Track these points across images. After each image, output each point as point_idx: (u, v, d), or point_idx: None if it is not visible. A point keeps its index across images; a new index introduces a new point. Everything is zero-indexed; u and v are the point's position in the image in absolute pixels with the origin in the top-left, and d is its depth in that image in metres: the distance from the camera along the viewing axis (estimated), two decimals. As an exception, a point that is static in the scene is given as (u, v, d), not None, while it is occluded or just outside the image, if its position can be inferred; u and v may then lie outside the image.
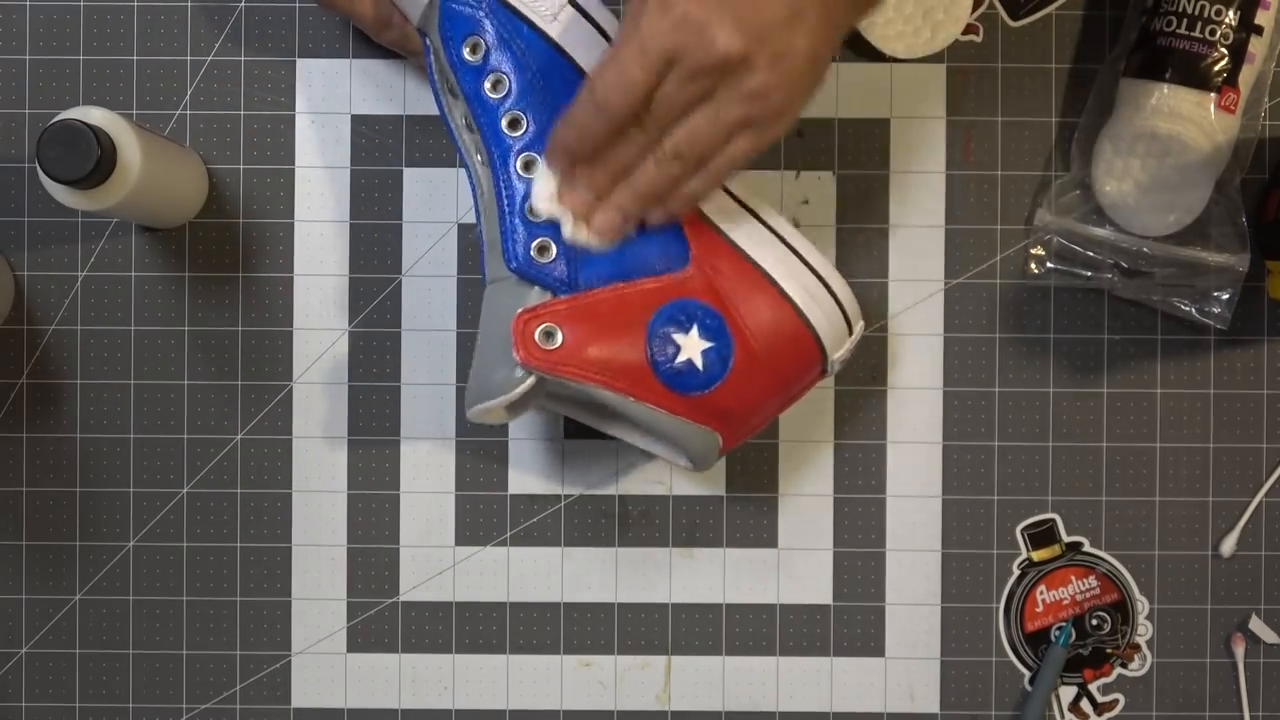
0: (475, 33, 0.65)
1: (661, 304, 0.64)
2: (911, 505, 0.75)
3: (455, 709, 0.75)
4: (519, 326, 0.63)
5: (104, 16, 0.75)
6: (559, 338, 0.63)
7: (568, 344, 0.63)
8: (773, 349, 0.65)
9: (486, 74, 0.64)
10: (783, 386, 0.67)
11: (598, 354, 0.63)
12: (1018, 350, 0.75)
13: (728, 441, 0.67)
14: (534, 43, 0.64)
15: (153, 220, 0.73)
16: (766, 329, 0.65)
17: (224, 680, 0.75)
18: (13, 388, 0.75)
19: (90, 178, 0.63)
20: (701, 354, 0.64)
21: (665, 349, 0.64)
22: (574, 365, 0.63)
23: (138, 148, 0.65)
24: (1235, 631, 0.75)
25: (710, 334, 0.64)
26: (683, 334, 0.64)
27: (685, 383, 0.64)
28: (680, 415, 0.65)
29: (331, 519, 0.75)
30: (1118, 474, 0.75)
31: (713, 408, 0.65)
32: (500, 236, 0.65)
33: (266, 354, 0.75)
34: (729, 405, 0.65)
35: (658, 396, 0.64)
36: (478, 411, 0.65)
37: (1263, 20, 0.70)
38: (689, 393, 0.64)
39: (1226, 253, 0.72)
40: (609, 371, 0.63)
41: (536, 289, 0.64)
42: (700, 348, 0.64)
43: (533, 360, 0.63)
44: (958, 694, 0.75)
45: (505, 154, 0.65)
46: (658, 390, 0.64)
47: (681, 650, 0.75)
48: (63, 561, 0.75)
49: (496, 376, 0.64)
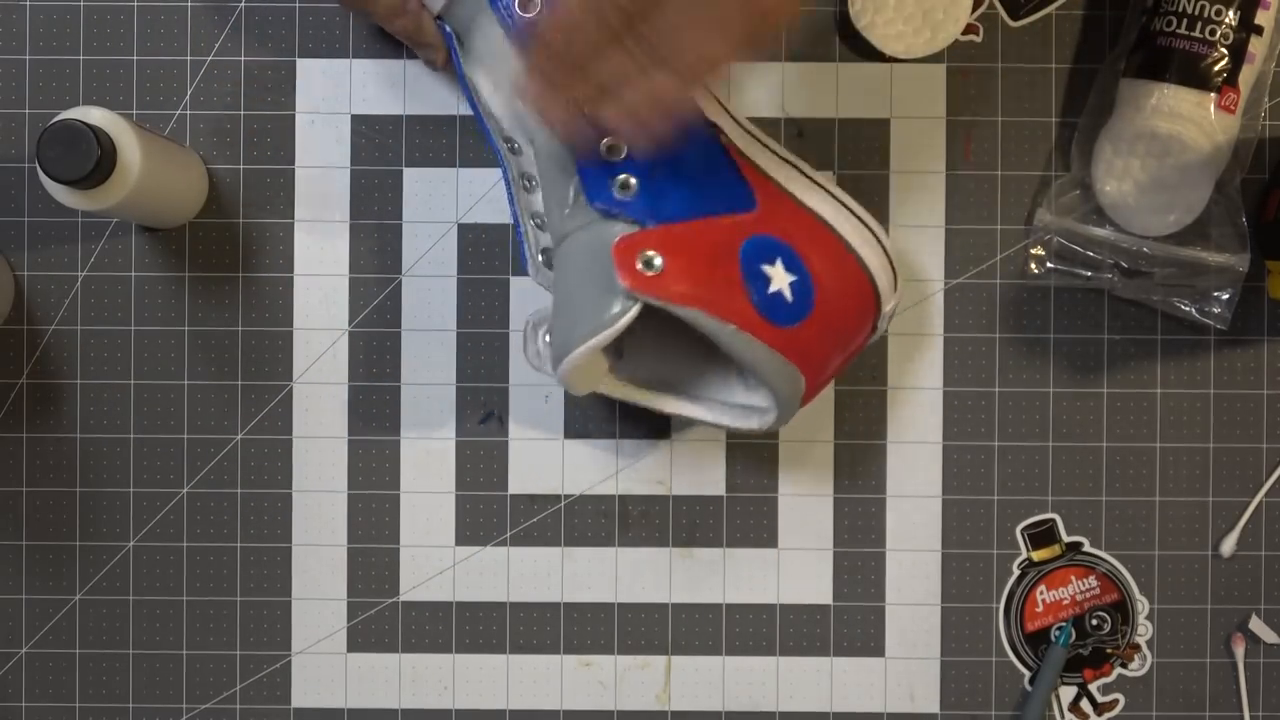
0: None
1: (747, 236, 0.64)
2: (911, 505, 0.75)
3: (455, 709, 0.75)
4: (621, 254, 0.63)
5: (104, 16, 0.75)
6: (658, 263, 0.63)
7: (669, 270, 0.63)
8: (842, 288, 0.66)
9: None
10: (851, 333, 0.67)
11: (697, 280, 0.63)
12: (1018, 350, 0.75)
13: (808, 389, 0.67)
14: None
15: (153, 220, 0.73)
16: (834, 272, 0.66)
17: (224, 680, 0.75)
18: (13, 388, 0.75)
19: (90, 178, 0.63)
20: (789, 286, 0.65)
21: (757, 279, 0.64)
22: (680, 289, 0.63)
23: (138, 148, 0.65)
24: (1235, 631, 0.75)
25: (792, 266, 0.65)
26: (770, 265, 0.64)
27: (778, 314, 0.64)
28: (776, 349, 0.65)
29: (331, 519, 0.75)
30: (1118, 474, 0.75)
31: (801, 344, 0.65)
32: (580, 181, 0.64)
33: (266, 354, 0.75)
34: (812, 343, 0.66)
35: (756, 326, 0.64)
36: (578, 356, 0.64)
37: (1263, 20, 0.70)
38: (782, 324, 0.64)
39: (1226, 253, 0.72)
40: (709, 299, 0.63)
41: (621, 223, 0.64)
42: (788, 280, 0.65)
43: (639, 286, 0.63)
44: (958, 694, 0.75)
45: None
46: (755, 320, 0.64)
47: (681, 650, 0.75)
48: (63, 561, 0.75)
49: (592, 321, 0.63)
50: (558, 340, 0.65)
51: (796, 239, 0.65)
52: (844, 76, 0.75)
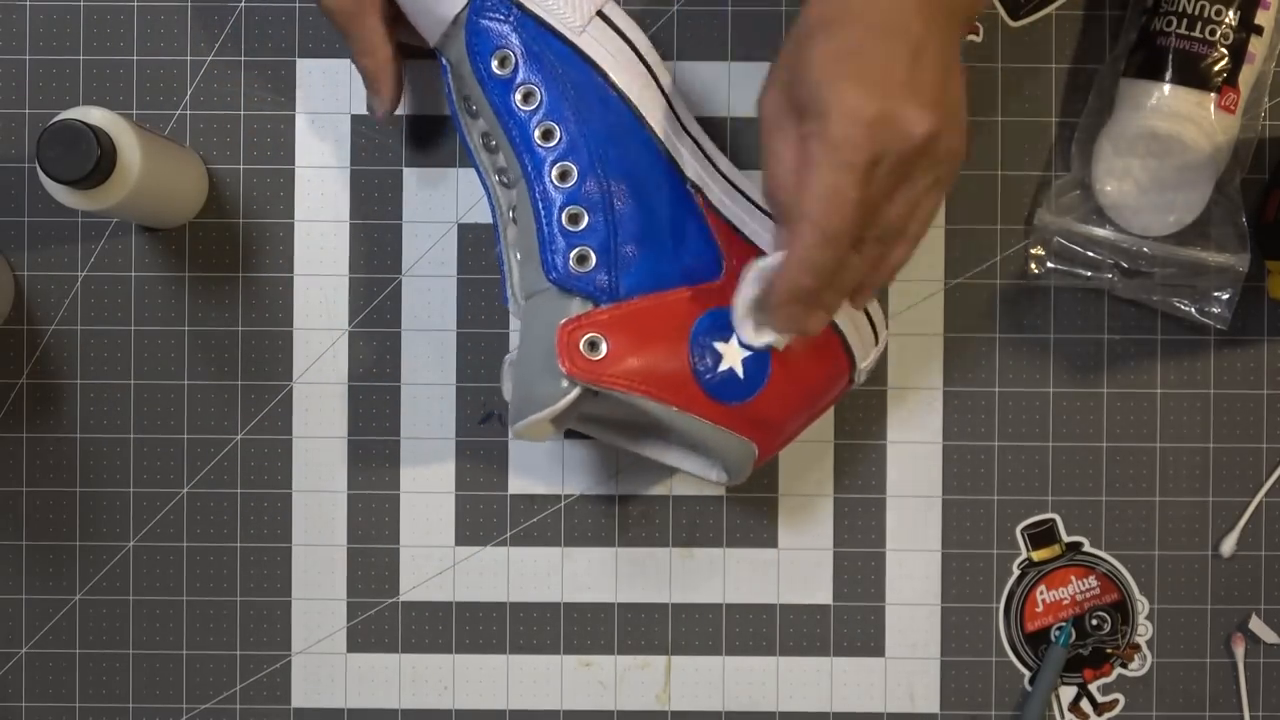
0: (503, 46, 0.64)
1: (701, 312, 0.64)
2: (911, 505, 0.75)
3: (455, 709, 0.75)
4: (563, 337, 0.63)
5: (104, 16, 0.75)
6: (603, 348, 0.63)
7: (612, 354, 0.63)
8: (806, 355, 0.65)
9: (516, 87, 0.64)
10: (816, 395, 0.67)
11: (642, 364, 0.63)
12: (1018, 350, 0.75)
13: (763, 452, 0.67)
14: (564, 54, 0.64)
15: (153, 220, 0.73)
16: (800, 339, 0.65)
17: (224, 680, 0.75)
18: (13, 388, 0.75)
19: (90, 178, 0.63)
20: (742, 362, 0.64)
21: (707, 358, 0.64)
22: (619, 376, 0.63)
23: (138, 148, 0.65)
24: (1235, 631, 0.75)
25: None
26: (723, 342, 0.64)
27: (727, 392, 0.64)
28: (722, 426, 0.64)
29: (331, 519, 0.75)
30: (1118, 474, 0.75)
31: (753, 417, 0.65)
32: (538, 247, 0.64)
33: (266, 354, 0.75)
34: (767, 414, 0.65)
35: (701, 407, 0.64)
36: (523, 426, 0.64)
37: (1263, 20, 0.70)
38: (731, 402, 0.64)
39: (1226, 253, 0.72)
40: (653, 381, 0.63)
41: (578, 299, 0.64)
42: (741, 356, 0.64)
43: (578, 371, 0.63)
44: (958, 694, 0.75)
45: (540, 165, 0.64)
46: (701, 400, 0.64)
47: (681, 650, 0.75)
48: (63, 561, 0.75)
49: (540, 390, 0.64)
50: (515, 398, 0.65)
51: None
52: (844, 76, 0.75)
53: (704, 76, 0.75)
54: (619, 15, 0.65)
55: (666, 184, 0.65)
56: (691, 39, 0.75)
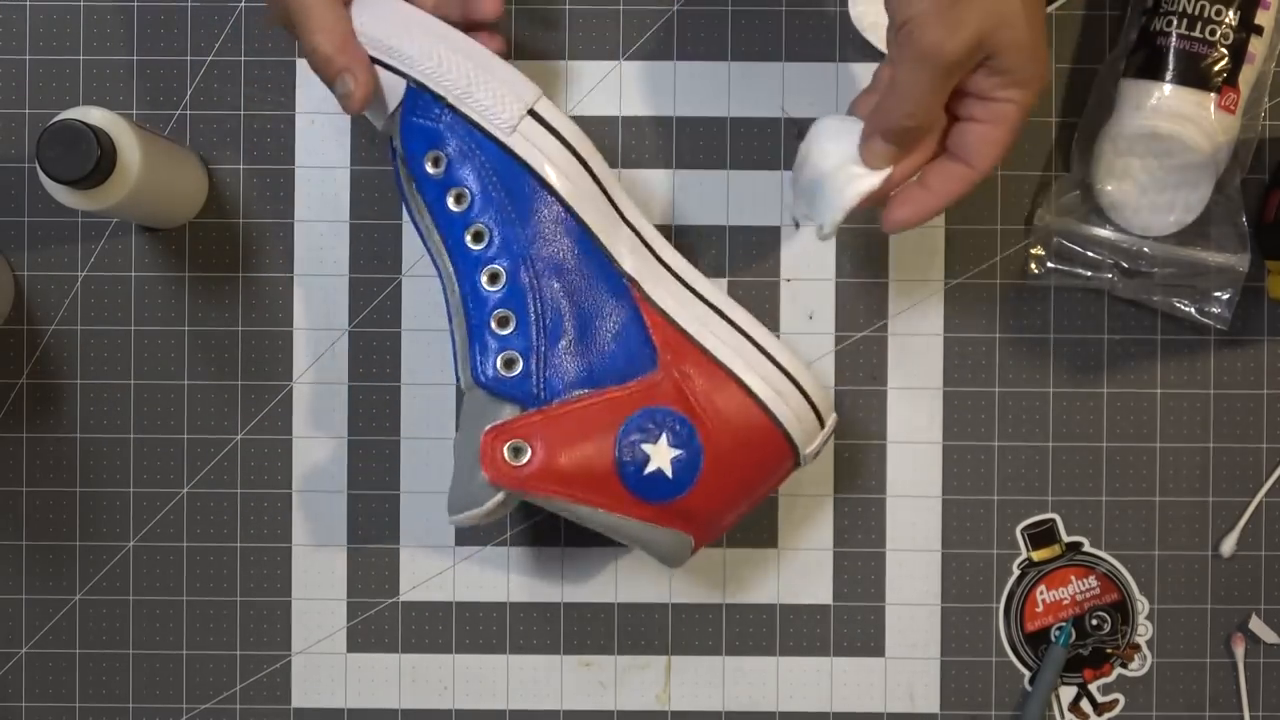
0: (437, 146, 0.64)
1: (630, 413, 0.64)
2: (911, 505, 0.75)
3: (455, 709, 0.75)
4: (486, 445, 0.63)
5: (104, 16, 0.75)
6: (527, 454, 0.63)
7: (536, 459, 0.63)
8: (742, 449, 0.65)
9: (449, 188, 0.65)
10: (753, 486, 0.67)
11: (566, 467, 0.63)
12: (1018, 350, 0.75)
13: (699, 540, 0.67)
14: (495, 155, 0.64)
15: (153, 220, 0.73)
16: (735, 430, 0.65)
17: (224, 680, 0.75)
18: (13, 388, 0.75)
19: (90, 178, 0.63)
20: (671, 461, 0.64)
21: (634, 458, 0.64)
22: (542, 481, 0.63)
23: (138, 148, 0.65)
24: (1235, 631, 0.75)
25: (679, 440, 0.64)
26: (651, 443, 0.64)
27: (654, 491, 0.64)
28: (649, 521, 0.65)
29: (331, 519, 0.75)
30: (1118, 474, 0.75)
31: (683, 512, 0.65)
32: (469, 347, 0.65)
33: (266, 354, 0.75)
34: (699, 508, 0.65)
35: (626, 506, 0.64)
36: (457, 521, 0.65)
37: (1263, 20, 0.70)
38: (658, 501, 0.64)
39: (1226, 253, 0.72)
40: (577, 485, 0.64)
41: (507, 405, 0.64)
42: (669, 455, 0.64)
43: (500, 479, 0.63)
44: (958, 694, 0.75)
45: (471, 268, 0.64)
46: (626, 500, 0.64)
47: (681, 650, 0.75)
48: (63, 561, 0.75)
49: (470, 489, 0.64)
50: (454, 491, 0.66)
51: (695, 403, 0.65)
52: (844, 76, 0.75)
53: (704, 76, 0.75)
54: (550, 111, 0.65)
55: (601, 280, 0.65)
56: (691, 39, 0.75)
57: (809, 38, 0.75)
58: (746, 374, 0.65)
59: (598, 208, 0.65)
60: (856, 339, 0.75)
